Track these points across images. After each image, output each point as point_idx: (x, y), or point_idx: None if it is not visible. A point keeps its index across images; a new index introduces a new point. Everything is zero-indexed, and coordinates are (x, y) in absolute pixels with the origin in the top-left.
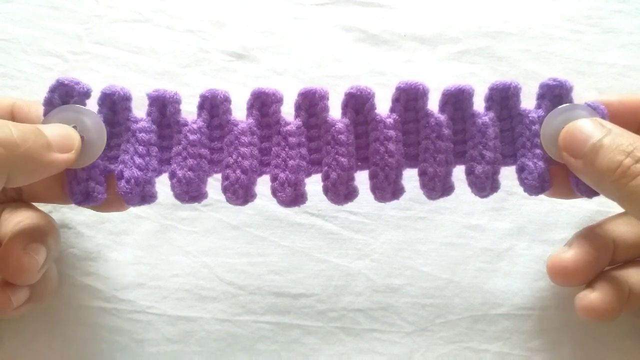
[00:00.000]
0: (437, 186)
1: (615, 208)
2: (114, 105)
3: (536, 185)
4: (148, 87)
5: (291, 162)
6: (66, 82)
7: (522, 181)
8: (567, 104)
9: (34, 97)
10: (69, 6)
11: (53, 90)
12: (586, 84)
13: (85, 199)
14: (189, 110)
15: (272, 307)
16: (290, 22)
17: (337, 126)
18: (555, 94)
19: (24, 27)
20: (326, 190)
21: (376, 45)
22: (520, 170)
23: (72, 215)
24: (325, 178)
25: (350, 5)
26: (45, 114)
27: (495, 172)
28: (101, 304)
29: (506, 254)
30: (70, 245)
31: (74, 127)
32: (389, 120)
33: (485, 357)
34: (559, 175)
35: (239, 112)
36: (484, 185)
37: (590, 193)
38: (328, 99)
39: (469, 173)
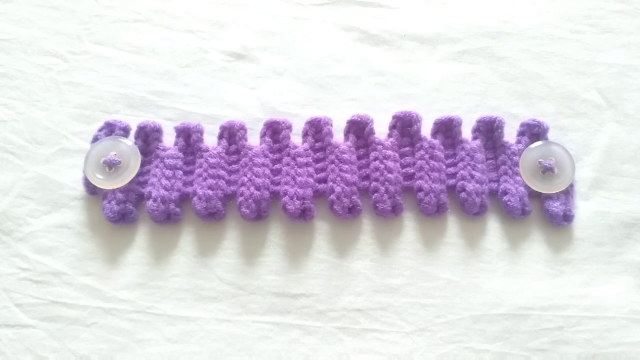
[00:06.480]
0: (432, 201)
1: (615, 209)
2: (147, 137)
3: (517, 207)
4: (148, 87)
5: (300, 179)
6: (111, 122)
7: (505, 204)
8: (543, 141)
9: (34, 97)
10: (69, 6)
11: (100, 129)
12: (586, 84)
13: (121, 218)
14: (187, 111)
15: (272, 307)
16: (290, 22)
17: (340, 147)
18: (533, 132)
19: (24, 27)
20: (331, 204)
21: (376, 45)
22: (503, 194)
23: (72, 215)
24: (331, 192)
25: (350, 5)
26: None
27: (484, 192)
28: (101, 304)
29: (506, 254)
30: (70, 245)
31: (114, 153)
32: (387, 143)
33: (485, 357)
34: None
35: (238, 112)
36: (475, 202)
37: (561, 221)
38: (332, 125)
39: (461, 191)
